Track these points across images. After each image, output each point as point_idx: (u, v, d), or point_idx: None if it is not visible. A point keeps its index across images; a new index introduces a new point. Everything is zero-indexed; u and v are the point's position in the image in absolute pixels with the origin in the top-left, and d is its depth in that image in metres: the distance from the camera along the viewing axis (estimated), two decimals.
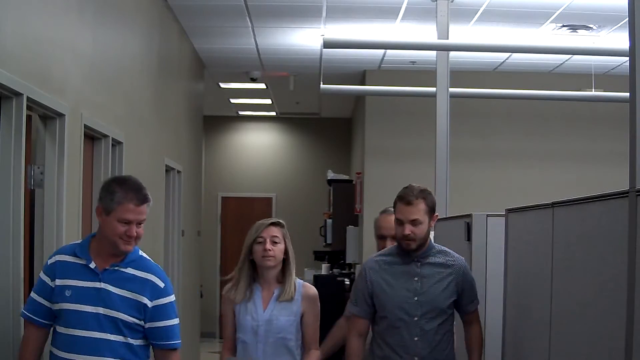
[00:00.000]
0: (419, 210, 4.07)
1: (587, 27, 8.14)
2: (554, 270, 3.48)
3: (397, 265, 4.16)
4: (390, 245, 4.45)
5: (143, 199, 3.53)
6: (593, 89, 9.03)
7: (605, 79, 9.64)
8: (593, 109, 10.14)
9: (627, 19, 2.84)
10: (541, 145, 10.45)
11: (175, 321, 3.64)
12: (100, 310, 3.47)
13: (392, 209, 4.22)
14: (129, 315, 3.51)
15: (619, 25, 7.90)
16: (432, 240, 4.24)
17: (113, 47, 5.80)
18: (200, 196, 11.01)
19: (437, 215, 4.18)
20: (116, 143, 5.76)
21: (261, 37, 9.07)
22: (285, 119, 14.79)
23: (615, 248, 2.83)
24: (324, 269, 11.44)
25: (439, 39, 6.78)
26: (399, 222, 4.10)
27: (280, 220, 4.21)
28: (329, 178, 11.99)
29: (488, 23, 8.10)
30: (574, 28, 8.19)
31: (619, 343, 2.76)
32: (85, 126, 4.98)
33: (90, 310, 3.46)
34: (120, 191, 3.50)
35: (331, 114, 14.52)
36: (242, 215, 14.52)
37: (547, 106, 10.28)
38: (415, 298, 4.09)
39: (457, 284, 4.15)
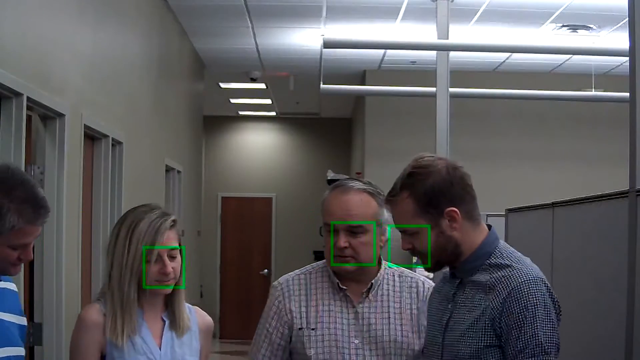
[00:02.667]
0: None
1: (587, 27, 8.14)
2: (554, 270, 3.48)
3: (446, 282, 2.53)
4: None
5: (46, 212, 2.40)
6: (593, 89, 9.02)
7: (605, 79, 9.64)
8: (593, 109, 10.13)
9: (627, 19, 2.84)
10: (541, 145, 10.45)
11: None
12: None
13: None
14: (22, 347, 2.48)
15: (619, 25, 7.90)
16: (490, 243, 2.43)
17: (113, 47, 5.79)
18: (200, 196, 11.00)
19: (453, 211, 2.39)
20: (116, 143, 5.76)
21: (261, 37, 9.07)
22: (285, 119, 14.78)
23: (615, 248, 2.83)
24: None
25: (439, 39, 6.77)
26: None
27: (175, 217, 2.74)
28: (329, 178, 11.97)
29: (488, 23, 8.10)
30: (574, 28, 8.19)
31: (619, 343, 2.76)
32: (85, 126, 4.98)
33: None
34: (12, 208, 2.31)
35: (331, 114, 14.52)
36: (242, 215, 14.52)
37: (547, 106, 10.27)
38: (440, 337, 2.43)
39: (492, 320, 2.30)
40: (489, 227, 2.45)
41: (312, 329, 2.77)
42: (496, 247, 2.39)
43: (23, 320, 2.54)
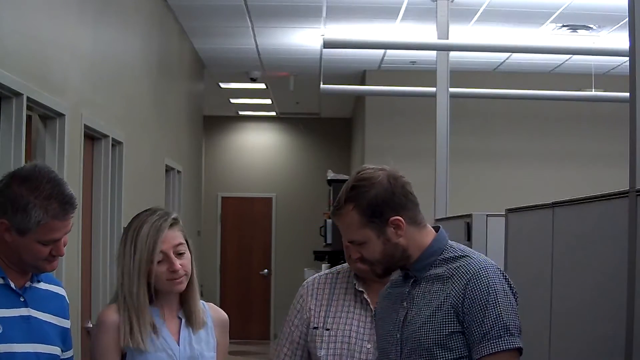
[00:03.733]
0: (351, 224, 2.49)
1: (587, 27, 8.14)
2: (554, 270, 3.48)
3: (397, 284, 2.59)
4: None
5: (72, 207, 2.54)
6: (593, 89, 9.02)
7: (605, 79, 9.64)
8: (593, 109, 10.14)
9: (627, 19, 2.84)
10: (541, 145, 10.46)
11: None
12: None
13: None
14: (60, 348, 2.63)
15: (619, 25, 7.90)
16: (440, 240, 2.51)
17: (113, 47, 5.80)
18: (200, 196, 11.01)
19: (397, 219, 2.43)
20: (116, 143, 5.76)
21: (261, 37, 9.07)
22: (285, 119, 14.79)
23: (615, 248, 2.83)
24: (324, 269, 11.43)
25: (439, 39, 6.78)
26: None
27: (176, 215, 2.80)
28: (329, 178, 11.98)
29: (488, 23, 8.10)
30: (574, 28, 8.19)
31: (619, 343, 2.76)
32: (85, 126, 4.98)
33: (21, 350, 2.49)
34: (38, 204, 2.45)
35: (331, 114, 14.52)
36: (242, 215, 14.52)
37: (547, 106, 10.28)
38: (398, 334, 2.46)
39: (455, 307, 2.35)
40: (438, 229, 2.52)
41: (327, 329, 2.74)
42: (446, 244, 2.48)
43: (65, 323, 2.64)
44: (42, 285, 2.61)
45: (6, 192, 2.47)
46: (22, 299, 2.51)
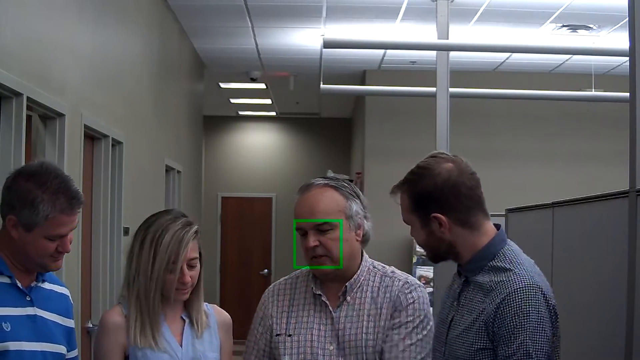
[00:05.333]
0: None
1: (587, 27, 8.14)
2: (554, 270, 3.48)
3: (455, 276, 2.55)
4: None
5: (78, 202, 2.58)
6: (593, 89, 9.02)
7: (605, 79, 9.64)
8: (593, 109, 10.13)
9: (627, 19, 2.84)
10: (541, 145, 10.45)
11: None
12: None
13: None
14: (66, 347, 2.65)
15: (619, 25, 7.90)
16: (496, 244, 2.42)
17: (113, 47, 5.80)
18: (200, 196, 11.01)
19: (439, 217, 2.41)
20: (116, 143, 5.76)
21: (261, 37, 9.07)
22: (285, 119, 14.78)
23: (615, 248, 2.84)
24: None
25: (439, 39, 6.77)
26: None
27: (198, 227, 2.80)
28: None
29: (488, 23, 8.10)
30: (574, 28, 8.19)
31: (619, 343, 2.76)
32: (85, 126, 4.98)
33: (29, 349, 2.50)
34: (46, 198, 2.48)
35: (331, 114, 14.52)
36: (242, 215, 14.52)
37: (547, 106, 10.27)
38: (445, 335, 2.47)
39: (486, 324, 2.30)
40: (498, 227, 2.45)
41: (289, 335, 2.72)
42: (501, 249, 2.39)
43: (69, 323, 2.68)
44: (47, 285, 2.62)
45: (14, 188, 2.49)
46: (29, 298, 2.52)
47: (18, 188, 2.48)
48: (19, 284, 2.50)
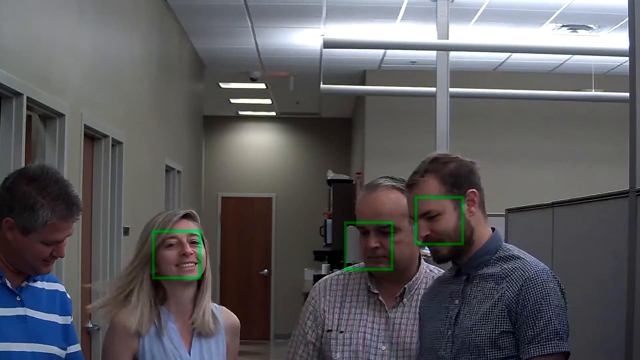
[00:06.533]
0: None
1: (587, 27, 8.14)
2: (554, 270, 3.48)
3: (446, 282, 2.61)
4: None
5: (77, 209, 2.55)
6: (593, 89, 9.02)
7: (605, 79, 9.64)
8: (593, 109, 10.13)
9: (627, 19, 2.84)
10: (541, 145, 10.45)
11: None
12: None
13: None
14: (59, 347, 2.62)
15: (619, 25, 7.90)
16: (496, 240, 2.55)
17: (113, 47, 5.80)
18: (200, 196, 11.01)
19: (473, 192, 2.51)
20: (116, 143, 5.76)
21: (261, 37, 9.07)
22: (285, 119, 14.78)
23: (615, 248, 2.84)
24: (324, 269, 11.44)
25: (439, 39, 6.77)
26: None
27: (193, 211, 2.76)
28: (329, 178, 11.98)
29: (488, 23, 8.10)
30: (574, 28, 8.19)
31: (619, 343, 2.76)
32: (85, 126, 4.98)
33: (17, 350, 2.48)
34: (46, 204, 2.46)
35: (331, 114, 14.52)
36: (242, 215, 14.52)
37: (547, 106, 10.27)
38: (449, 331, 2.49)
39: (509, 307, 2.39)
40: (493, 230, 2.56)
41: (341, 332, 2.69)
42: (501, 244, 2.53)
43: (66, 320, 2.64)
44: (39, 284, 2.59)
45: (14, 191, 2.47)
46: (19, 299, 2.50)
47: (18, 191, 2.46)
48: (9, 284, 2.49)
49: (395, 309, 2.68)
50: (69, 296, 2.71)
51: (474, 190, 2.49)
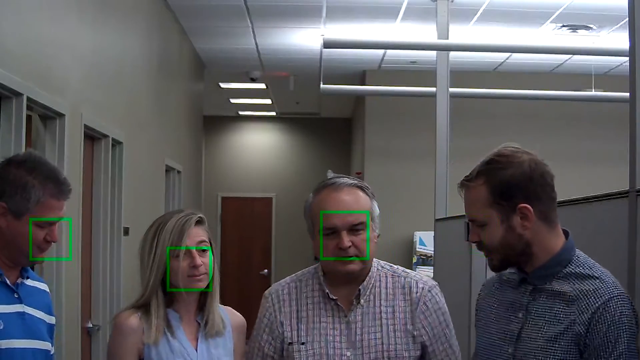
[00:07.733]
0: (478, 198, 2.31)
1: (587, 27, 8.14)
2: None
3: (509, 285, 2.36)
4: None
5: (67, 188, 2.60)
6: (593, 89, 9.03)
7: (605, 79, 9.64)
8: (593, 109, 10.13)
9: (627, 19, 2.84)
10: (541, 145, 10.38)
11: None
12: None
13: None
14: (51, 344, 2.66)
15: (619, 25, 7.90)
16: (569, 249, 2.29)
17: (113, 47, 5.79)
18: (200, 196, 11.01)
19: (526, 208, 2.25)
20: (116, 143, 5.76)
21: (261, 37, 9.07)
22: (285, 119, 14.79)
23: (615, 248, 2.83)
24: None
25: (439, 39, 6.77)
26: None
27: (202, 215, 2.74)
28: (328, 178, 12.01)
29: (488, 23, 8.10)
30: (574, 28, 8.19)
31: None
32: (85, 126, 4.98)
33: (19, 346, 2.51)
34: (37, 183, 2.52)
35: (331, 114, 14.53)
36: (242, 215, 14.52)
37: (547, 106, 10.27)
38: (510, 348, 2.27)
39: (577, 336, 2.15)
40: (566, 232, 2.31)
41: (302, 344, 2.60)
42: (574, 254, 2.26)
43: (51, 319, 2.67)
44: (30, 282, 2.62)
45: (3, 175, 2.52)
46: (17, 296, 2.53)
47: (9, 175, 2.51)
48: (8, 281, 2.51)
49: (353, 313, 2.61)
50: (50, 297, 2.73)
51: (526, 205, 2.19)
